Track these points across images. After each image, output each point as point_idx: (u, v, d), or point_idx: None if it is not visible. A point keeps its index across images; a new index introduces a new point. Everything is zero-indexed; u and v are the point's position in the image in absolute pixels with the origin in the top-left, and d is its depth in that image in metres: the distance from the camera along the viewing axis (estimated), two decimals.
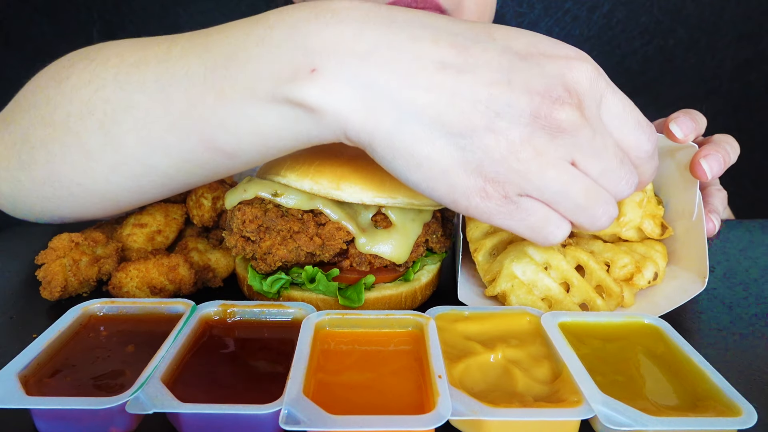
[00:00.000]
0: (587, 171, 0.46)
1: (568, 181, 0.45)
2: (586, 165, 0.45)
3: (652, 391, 0.45)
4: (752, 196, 1.68)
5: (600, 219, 0.48)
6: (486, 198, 0.45)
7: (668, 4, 1.49)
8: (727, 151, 0.62)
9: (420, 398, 0.43)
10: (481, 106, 0.43)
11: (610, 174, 0.46)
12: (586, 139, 0.44)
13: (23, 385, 0.41)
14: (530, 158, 0.43)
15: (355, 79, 0.44)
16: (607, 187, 0.47)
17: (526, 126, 0.43)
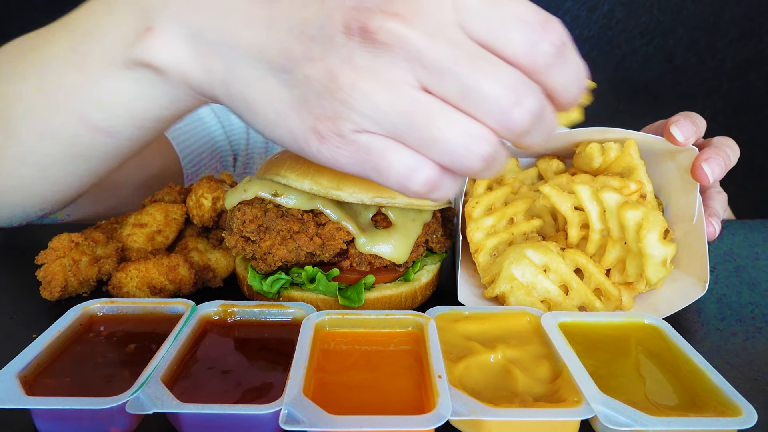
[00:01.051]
0: (442, 94, 0.36)
1: (407, 108, 0.36)
2: (437, 86, 0.36)
3: (652, 391, 0.45)
4: (752, 196, 1.68)
5: (469, 157, 0.36)
6: (322, 139, 0.39)
7: (668, 4, 1.49)
8: (728, 154, 0.62)
9: (420, 398, 0.43)
10: (296, 32, 0.38)
11: (476, 94, 0.35)
12: (425, 53, 0.35)
13: (23, 385, 0.41)
14: (351, 83, 0.36)
15: (185, 29, 0.43)
16: (476, 112, 0.36)
17: (343, 46, 0.36)
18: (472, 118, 0.36)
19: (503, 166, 0.39)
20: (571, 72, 0.37)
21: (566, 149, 0.73)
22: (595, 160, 0.67)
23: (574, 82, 0.38)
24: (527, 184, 0.72)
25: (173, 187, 0.80)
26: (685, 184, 0.65)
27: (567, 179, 0.68)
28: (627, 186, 0.64)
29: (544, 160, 0.73)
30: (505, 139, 0.37)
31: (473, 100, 0.35)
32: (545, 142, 0.39)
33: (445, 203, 0.65)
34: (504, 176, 0.72)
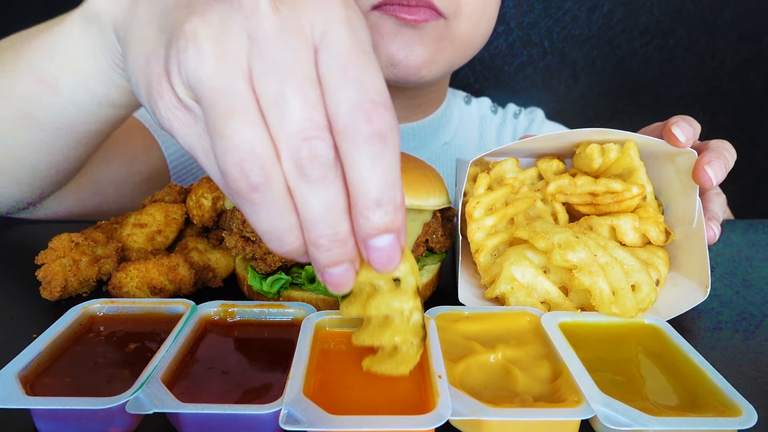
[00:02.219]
0: (258, 90, 0.33)
1: (219, 87, 0.33)
2: (258, 80, 0.33)
3: (652, 391, 0.45)
4: (752, 196, 1.68)
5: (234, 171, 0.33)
6: (160, 95, 0.36)
7: (668, 4, 1.49)
8: (726, 157, 0.62)
9: (420, 398, 0.43)
10: None
11: (285, 110, 0.33)
12: (270, 43, 0.33)
13: (23, 385, 0.41)
14: (193, 32, 0.34)
15: None
16: (273, 127, 0.33)
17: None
18: (262, 132, 0.33)
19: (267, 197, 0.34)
20: (376, 171, 0.33)
21: (566, 149, 0.73)
22: (594, 161, 0.67)
23: (377, 184, 0.33)
24: (527, 184, 0.72)
25: (173, 187, 0.81)
26: (685, 187, 0.65)
27: (568, 180, 0.68)
28: (629, 189, 0.64)
29: (545, 160, 0.73)
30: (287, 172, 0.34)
31: (278, 113, 0.33)
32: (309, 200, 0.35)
33: (445, 203, 0.65)
34: (504, 176, 0.72)
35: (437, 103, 1.21)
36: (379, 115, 0.32)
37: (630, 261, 0.58)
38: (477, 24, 0.98)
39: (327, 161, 0.33)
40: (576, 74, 1.57)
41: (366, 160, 0.33)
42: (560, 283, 0.60)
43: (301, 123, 0.32)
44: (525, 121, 1.30)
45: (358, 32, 0.34)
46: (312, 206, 0.34)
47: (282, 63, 0.33)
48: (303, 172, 0.33)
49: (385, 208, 0.34)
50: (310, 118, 0.33)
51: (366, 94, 0.33)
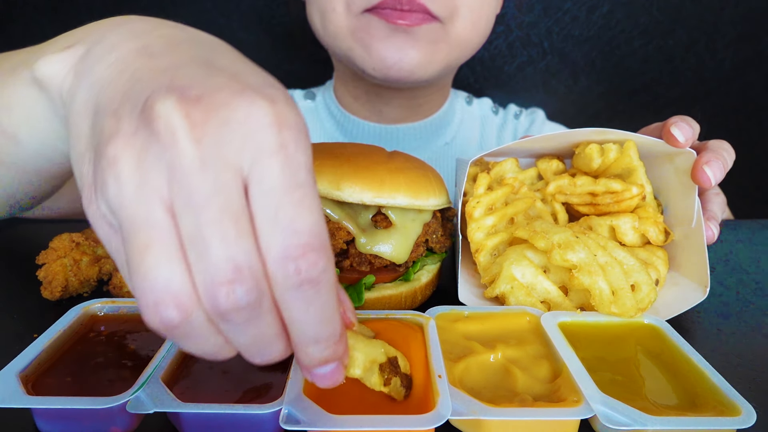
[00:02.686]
0: (180, 225, 0.31)
1: (138, 220, 0.31)
2: (180, 215, 0.31)
3: (651, 391, 0.45)
4: (752, 196, 1.68)
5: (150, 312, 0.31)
6: (89, 201, 0.35)
7: (667, 5, 1.49)
8: (725, 157, 0.62)
9: (420, 398, 0.43)
10: (130, 84, 0.35)
11: (204, 249, 0.31)
12: (189, 177, 0.30)
13: (24, 385, 0.41)
14: (114, 157, 0.32)
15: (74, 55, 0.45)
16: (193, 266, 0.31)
17: (137, 117, 0.32)
18: (181, 269, 0.31)
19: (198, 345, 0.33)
20: (310, 313, 0.32)
21: (566, 149, 0.73)
22: (594, 161, 0.67)
23: (313, 324, 0.33)
24: (527, 184, 0.72)
25: None
26: (684, 187, 0.65)
27: (568, 180, 0.68)
28: (629, 189, 0.64)
29: (544, 160, 0.73)
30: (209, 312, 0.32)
31: (196, 252, 0.30)
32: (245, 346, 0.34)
33: (445, 203, 0.65)
34: (504, 176, 0.72)
35: (439, 103, 1.21)
36: (310, 262, 0.31)
37: (629, 261, 0.59)
38: (475, 24, 0.98)
39: (248, 305, 0.31)
40: (576, 74, 1.57)
41: (298, 304, 0.32)
42: (560, 282, 0.60)
43: (218, 265, 0.30)
44: (526, 121, 1.30)
45: (293, 160, 0.31)
46: (239, 341, 0.33)
47: (203, 198, 0.30)
48: (224, 318, 0.31)
49: (323, 344, 0.34)
50: (230, 258, 0.30)
51: (296, 238, 0.30)
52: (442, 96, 1.20)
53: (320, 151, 0.61)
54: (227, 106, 0.31)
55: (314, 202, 0.32)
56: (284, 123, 0.31)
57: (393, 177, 0.60)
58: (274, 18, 1.48)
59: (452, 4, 0.93)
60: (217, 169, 0.30)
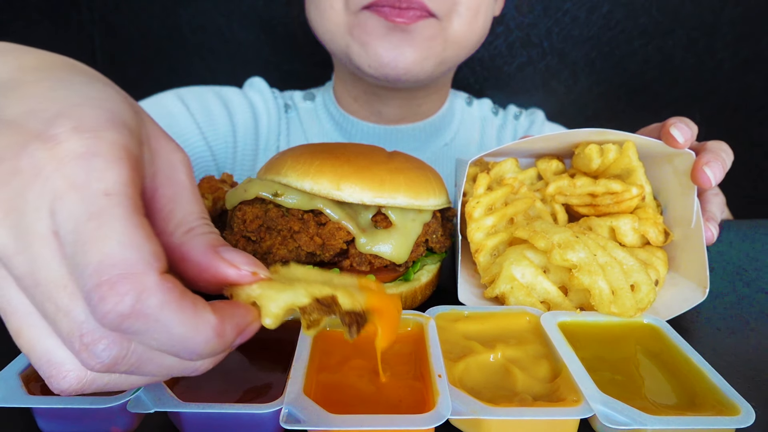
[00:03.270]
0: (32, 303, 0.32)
1: None
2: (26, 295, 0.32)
3: (650, 391, 0.45)
4: (752, 196, 1.68)
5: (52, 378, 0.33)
6: None
7: (667, 5, 1.50)
8: (724, 158, 0.62)
9: (420, 397, 0.43)
10: None
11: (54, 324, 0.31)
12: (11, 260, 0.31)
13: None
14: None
15: None
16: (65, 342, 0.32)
17: None
18: (56, 342, 0.32)
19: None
20: (164, 341, 0.31)
21: (566, 150, 0.73)
22: (593, 161, 0.67)
23: (179, 347, 0.31)
24: (527, 184, 0.73)
25: None
26: (683, 188, 0.65)
27: (568, 181, 0.68)
28: (628, 190, 0.64)
29: (544, 161, 0.73)
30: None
31: (52, 325, 0.31)
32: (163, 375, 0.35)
33: (445, 203, 0.65)
34: (504, 176, 0.72)
35: (439, 104, 1.21)
36: (114, 301, 0.28)
37: (629, 261, 0.59)
38: (472, 23, 0.97)
39: (117, 358, 0.31)
40: (575, 75, 1.57)
41: (144, 339, 0.30)
42: (560, 282, 0.60)
43: (70, 337, 0.30)
44: (526, 122, 1.30)
45: (85, 191, 0.29)
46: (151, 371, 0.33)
47: (29, 280, 0.30)
48: (116, 369, 0.31)
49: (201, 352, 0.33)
50: (76, 327, 0.30)
51: (91, 280, 0.28)
52: (441, 97, 1.20)
53: (320, 151, 0.61)
54: (11, 169, 0.30)
55: (114, 226, 0.29)
56: (65, 159, 0.30)
57: (393, 177, 0.60)
58: (274, 18, 1.48)
59: (450, 1, 0.93)
60: (26, 243, 0.29)
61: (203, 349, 0.32)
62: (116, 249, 0.29)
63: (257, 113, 1.19)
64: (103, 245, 0.29)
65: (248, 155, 1.19)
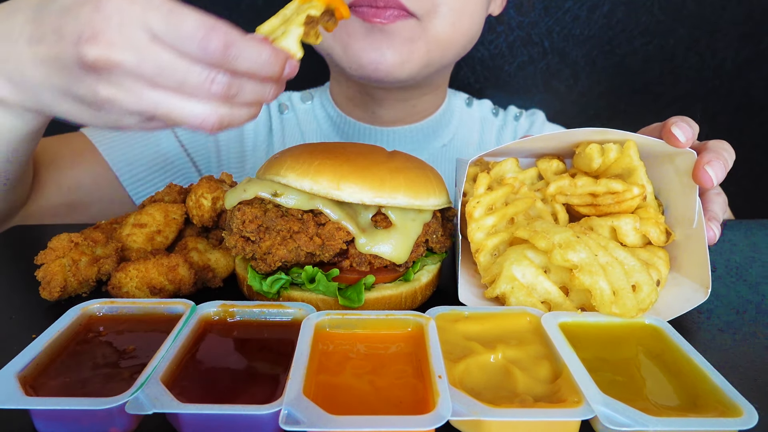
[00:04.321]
0: (165, 85, 0.50)
1: (149, 100, 0.50)
2: (161, 81, 0.50)
3: (652, 392, 0.45)
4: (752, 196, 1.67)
5: (194, 115, 0.51)
6: (121, 120, 0.55)
7: (669, 4, 1.49)
8: (726, 157, 0.62)
9: (420, 398, 0.43)
10: (59, 68, 0.53)
11: (185, 82, 0.49)
12: (137, 64, 0.48)
13: (22, 386, 0.41)
14: (109, 96, 0.51)
15: (4, 75, 0.59)
16: (190, 91, 0.50)
17: (91, 72, 0.50)
18: (188, 95, 0.50)
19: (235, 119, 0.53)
20: (246, 58, 0.49)
21: (566, 149, 0.73)
22: (594, 161, 0.67)
23: (254, 61, 0.50)
24: (527, 184, 0.72)
25: (173, 187, 0.80)
26: (684, 188, 0.65)
27: (569, 181, 0.68)
28: (629, 189, 0.64)
29: (544, 160, 0.73)
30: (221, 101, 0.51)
31: (187, 85, 0.49)
32: (256, 98, 0.53)
33: (445, 203, 0.65)
34: (504, 176, 0.72)
35: (436, 105, 1.20)
36: (212, 38, 0.48)
37: (630, 261, 0.58)
38: (456, 23, 0.96)
39: (228, 80, 0.50)
40: (576, 74, 1.57)
41: (238, 64, 0.50)
42: (560, 283, 0.60)
43: (202, 84, 0.50)
44: (526, 123, 1.29)
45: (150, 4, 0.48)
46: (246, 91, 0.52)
47: (162, 67, 0.49)
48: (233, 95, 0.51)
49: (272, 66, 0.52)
50: (199, 74, 0.49)
51: (193, 39, 0.48)
52: (437, 97, 1.19)
53: (320, 151, 0.61)
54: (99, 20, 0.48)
55: (185, 11, 0.48)
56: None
57: (393, 177, 0.60)
58: None
59: (430, 1, 0.92)
60: (141, 53, 0.48)
61: (272, 63, 0.50)
62: (197, 18, 0.48)
63: None
64: (188, 20, 0.47)
65: (233, 159, 1.19)
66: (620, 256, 0.59)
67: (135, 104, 0.50)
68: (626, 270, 0.57)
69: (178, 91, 0.50)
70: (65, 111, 0.57)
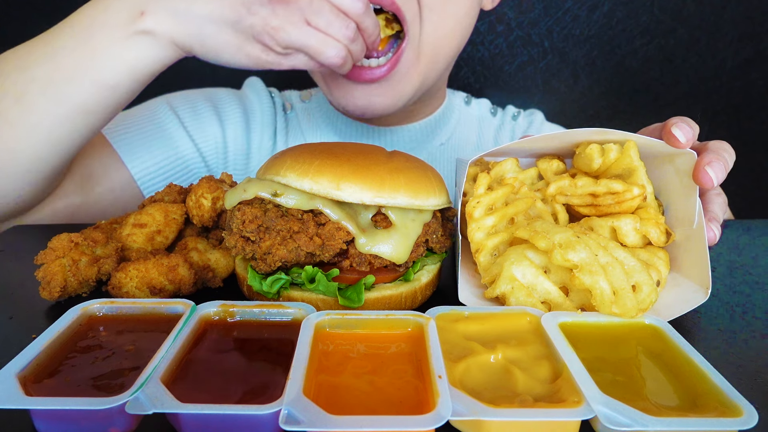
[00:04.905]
0: (315, 23, 0.74)
1: (306, 33, 0.74)
2: (315, 22, 0.74)
3: (652, 392, 0.45)
4: (752, 196, 1.67)
5: (330, 51, 0.76)
6: (267, 52, 0.77)
7: (669, 4, 1.49)
8: (726, 158, 0.62)
9: (420, 398, 0.43)
10: (239, 3, 0.73)
11: (330, 26, 0.75)
12: (306, 5, 0.73)
13: (22, 386, 0.41)
14: (279, 25, 0.73)
15: (167, 10, 0.76)
16: (332, 33, 0.76)
17: (267, 6, 0.73)
18: (332, 36, 0.77)
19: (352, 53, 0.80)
20: (371, 21, 0.79)
21: (566, 149, 0.73)
22: (594, 161, 0.67)
23: (373, 27, 0.80)
24: (528, 184, 0.72)
25: (173, 187, 0.80)
26: (685, 188, 0.65)
27: (569, 181, 0.68)
28: (630, 190, 0.64)
29: (545, 160, 0.73)
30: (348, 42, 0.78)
31: (331, 28, 0.75)
32: (365, 48, 0.81)
33: (445, 203, 0.65)
34: (504, 176, 0.72)
35: (435, 106, 1.20)
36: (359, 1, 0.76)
37: (631, 261, 0.58)
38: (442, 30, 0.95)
39: (356, 31, 0.79)
40: (576, 74, 1.57)
41: (368, 21, 0.80)
42: (561, 283, 0.60)
43: (341, 27, 0.78)
44: (524, 122, 1.29)
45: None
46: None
47: (314, 10, 0.75)
48: (354, 41, 0.80)
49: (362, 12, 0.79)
50: (342, 22, 0.77)
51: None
52: (436, 99, 1.19)
53: (320, 151, 0.61)
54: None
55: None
56: None
57: (393, 177, 0.59)
58: None
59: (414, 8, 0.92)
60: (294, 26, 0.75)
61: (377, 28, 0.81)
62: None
63: (250, 113, 1.19)
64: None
65: (240, 156, 1.19)
66: (620, 256, 0.59)
67: (296, 35, 0.73)
68: (626, 270, 0.57)
69: (325, 31, 0.74)
70: (222, 42, 0.76)
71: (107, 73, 0.80)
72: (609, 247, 0.59)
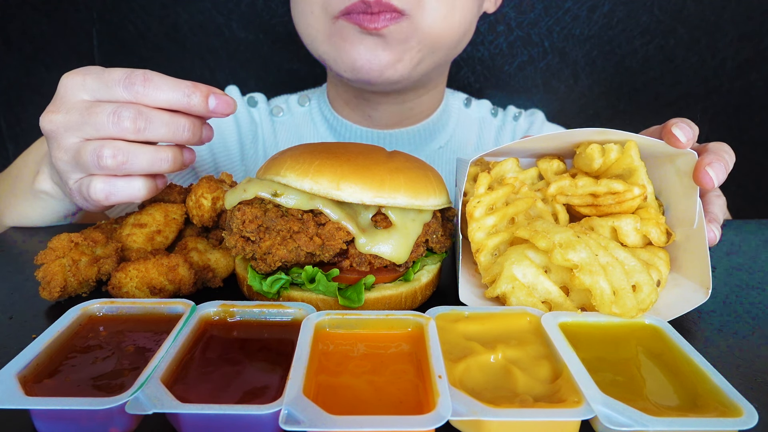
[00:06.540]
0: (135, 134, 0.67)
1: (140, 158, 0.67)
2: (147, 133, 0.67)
3: (652, 392, 0.45)
4: (752, 196, 1.67)
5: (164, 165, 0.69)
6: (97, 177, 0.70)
7: (669, 4, 1.49)
8: (726, 159, 0.62)
9: (420, 398, 0.43)
10: (71, 156, 0.70)
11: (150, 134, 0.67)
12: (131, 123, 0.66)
13: (22, 386, 0.41)
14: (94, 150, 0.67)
15: (46, 172, 0.85)
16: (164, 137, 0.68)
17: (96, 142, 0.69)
18: (154, 146, 0.69)
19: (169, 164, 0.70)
20: (162, 90, 0.66)
21: (567, 149, 0.73)
22: (595, 161, 0.67)
23: (170, 92, 0.67)
24: (528, 183, 0.72)
25: (173, 187, 0.80)
26: (685, 189, 0.65)
27: (569, 181, 0.68)
28: (630, 190, 0.64)
29: (545, 160, 0.73)
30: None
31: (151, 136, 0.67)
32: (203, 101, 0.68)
33: (445, 203, 0.65)
34: (505, 176, 0.72)
35: (433, 107, 1.20)
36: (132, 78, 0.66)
37: (631, 261, 0.58)
38: (447, 17, 0.96)
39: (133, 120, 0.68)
40: (576, 74, 1.57)
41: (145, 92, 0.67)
42: (561, 282, 0.60)
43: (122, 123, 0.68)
44: (525, 123, 1.29)
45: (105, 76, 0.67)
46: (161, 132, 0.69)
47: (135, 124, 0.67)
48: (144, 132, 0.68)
49: (190, 93, 0.68)
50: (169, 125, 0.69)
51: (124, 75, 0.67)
52: (434, 99, 1.19)
53: (320, 151, 0.61)
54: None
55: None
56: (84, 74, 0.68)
57: (393, 177, 0.60)
58: (274, 18, 1.48)
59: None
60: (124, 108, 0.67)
61: (190, 93, 0.67)
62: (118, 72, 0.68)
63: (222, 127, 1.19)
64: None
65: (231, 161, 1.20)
66: (621, 256, 0.59)
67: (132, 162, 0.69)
68: (626, 270, 0.57)
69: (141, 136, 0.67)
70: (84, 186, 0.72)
71: (31, 214, 0.92)
72: (609, 247, 0.59)
